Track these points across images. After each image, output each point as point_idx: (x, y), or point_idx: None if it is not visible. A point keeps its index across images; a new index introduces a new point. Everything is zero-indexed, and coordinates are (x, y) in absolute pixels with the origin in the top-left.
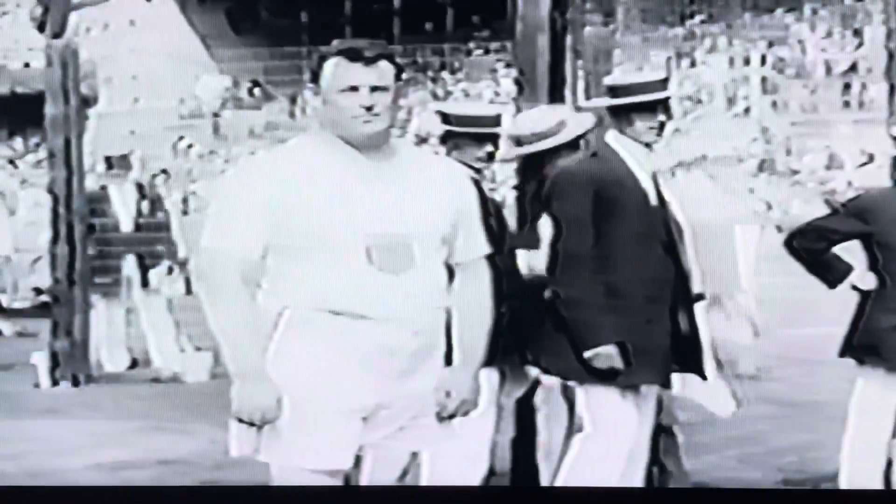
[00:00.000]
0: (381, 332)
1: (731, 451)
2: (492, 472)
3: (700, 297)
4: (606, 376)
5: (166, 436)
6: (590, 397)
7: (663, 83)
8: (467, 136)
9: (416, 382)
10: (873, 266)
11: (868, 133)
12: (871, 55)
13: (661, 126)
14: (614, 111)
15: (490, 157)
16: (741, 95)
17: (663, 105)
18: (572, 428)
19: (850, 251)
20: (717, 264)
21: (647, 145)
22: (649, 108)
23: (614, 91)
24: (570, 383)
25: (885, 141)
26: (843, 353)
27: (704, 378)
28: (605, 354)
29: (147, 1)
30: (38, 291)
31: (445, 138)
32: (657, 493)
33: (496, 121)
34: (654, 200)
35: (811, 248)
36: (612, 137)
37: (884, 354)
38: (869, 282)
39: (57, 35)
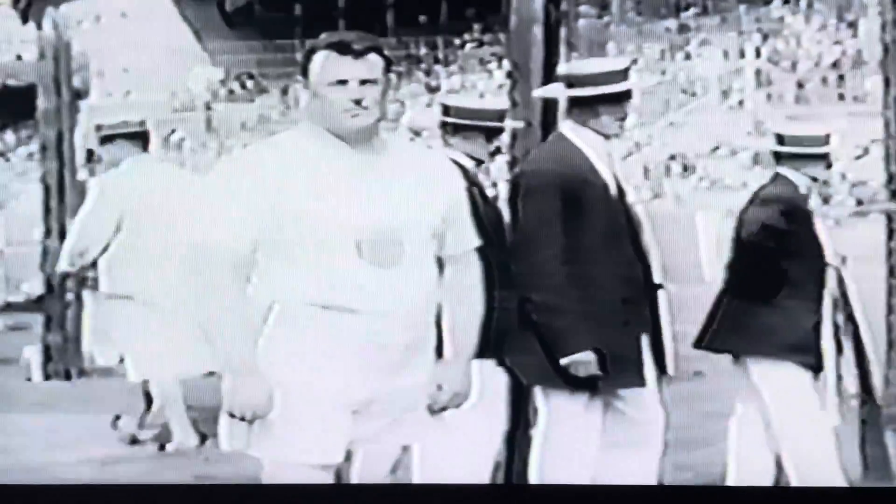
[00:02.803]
0: (372, 326)
1: (723, 446)
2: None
3: (659, 286)
4: (584, 384)
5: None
6: (549, 399)
7: (624, 73)
8: (472, 129)
9: (408, 376)
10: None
11: (863, 126)
12: (866, 47)
13: (624, 117)
14: (574, 102)
15: (494, 154)
16: (735, 88)
17: (628, 96)
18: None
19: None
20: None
21: (607, 137)
22: (614, 100)
23: (572, 81)
24: (537, 388)
25: (880, 134)
26: (719, 348)
27: (665, 373)
28: (584, 361)
29: None
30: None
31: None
32: (654, 491)
33: (500, 115)
34: (614, 192)
35: (765, 246)
36: (569, 129)
37: (809, 352)
38: None
39: (39, 26)
